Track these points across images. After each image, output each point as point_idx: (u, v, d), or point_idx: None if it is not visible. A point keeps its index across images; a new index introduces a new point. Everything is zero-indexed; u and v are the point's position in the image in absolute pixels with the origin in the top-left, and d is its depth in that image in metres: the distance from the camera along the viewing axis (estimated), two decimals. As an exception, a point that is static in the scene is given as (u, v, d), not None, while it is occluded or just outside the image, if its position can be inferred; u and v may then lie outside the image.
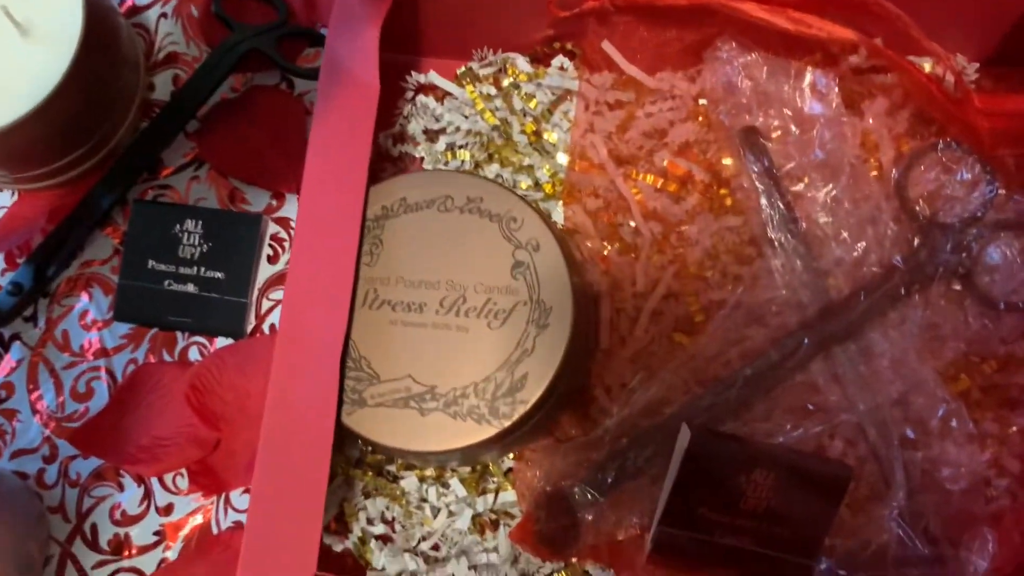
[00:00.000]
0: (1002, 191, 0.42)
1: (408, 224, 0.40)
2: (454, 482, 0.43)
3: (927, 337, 0.43)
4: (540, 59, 0.49)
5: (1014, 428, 0.42)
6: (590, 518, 0.42)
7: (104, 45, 0.48)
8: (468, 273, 0.39)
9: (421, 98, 0.48)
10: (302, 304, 0.39)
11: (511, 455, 0.45)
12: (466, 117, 0.48)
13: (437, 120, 0.48)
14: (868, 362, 0.42)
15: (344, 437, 0.45)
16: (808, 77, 0.43)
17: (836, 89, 0.43)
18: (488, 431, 0.38)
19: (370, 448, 0.44)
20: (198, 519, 0.47)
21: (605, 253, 0.46)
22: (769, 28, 0.43)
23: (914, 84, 0.44)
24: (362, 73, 0.40)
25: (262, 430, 0.38)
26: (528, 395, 0.38)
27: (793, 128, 0.44)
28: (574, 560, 0.43)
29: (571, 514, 0.42)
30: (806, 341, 0.42)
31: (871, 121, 0.45)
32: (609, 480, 0.41)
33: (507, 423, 0.38)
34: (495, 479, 0.44)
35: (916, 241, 0.43)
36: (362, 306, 0.40)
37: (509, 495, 0.44)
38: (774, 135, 0.45)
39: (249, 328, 0.50)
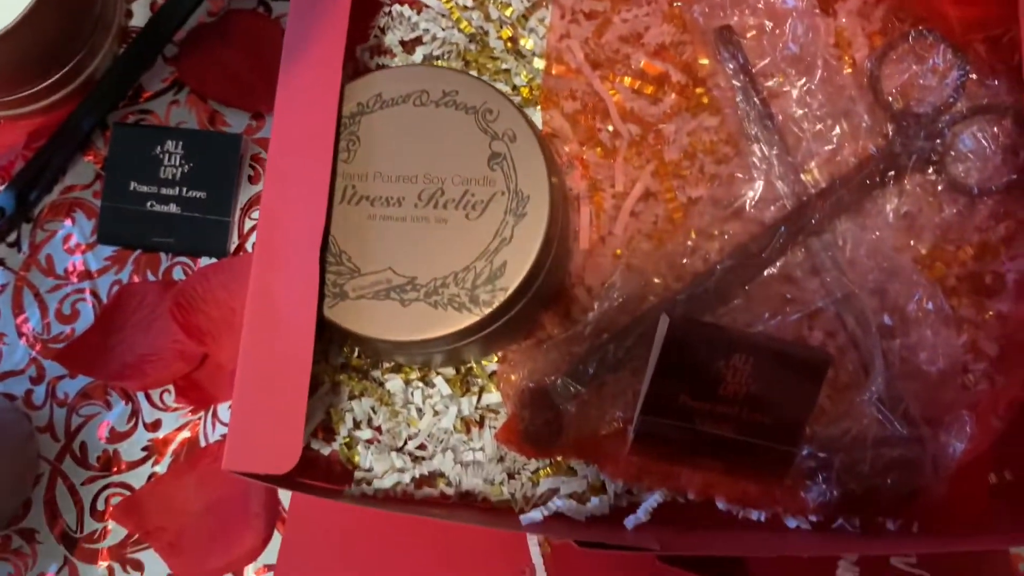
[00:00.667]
0: (973, 76, 0.42)
1: (384, 120, 0.40)
2: (439, 381, 0.44)
3: (903, 226, 0.43)
4: (516, -30, 0.49)
5: (990, 313, 0.43)
6: (572, 410, 0.42)
7: (79, -33, 0.48)
8: (445, 166, 0.40)
9: (397, 7, 0.48)
10: (280, 203, 0.40)
11: (495, 358, 0.45)
12: (443, 29, 0.48)
13: (413, 29, 0.48)
14: (845, 252, 0.43)
15: (330, 343, 0.45)
16: (780, -30, 0.44)
17: (807, -19, 0.44)
18: (469, 318, 0.38)
19: (356, 351, 0.44)
20: (186, 434, 0.48)
21: (584, 156, 0.46)
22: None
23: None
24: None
25: (244, 323, 0.38)
26: (508, 282, 0.38)
27: (767, 23, 0.44)
28: (559, 458, 0.44)
29: (554, 408, 0.42)
30: (783, 230, 0.42)
31: (844, 20, 0.45)
32: (591, 371, 0.42)
33: (488, 310, 0.38)
34: (479, 380, 0.45)
35: (890, 131, 0.43)
36: (341, 202, 0.40)
37: (494, 396, 0.45)
38: (749, 34, 0.45)
39: (232, 247, 0.50)
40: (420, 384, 0.44)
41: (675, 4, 0.47)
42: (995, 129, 0.42)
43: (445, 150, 0.40)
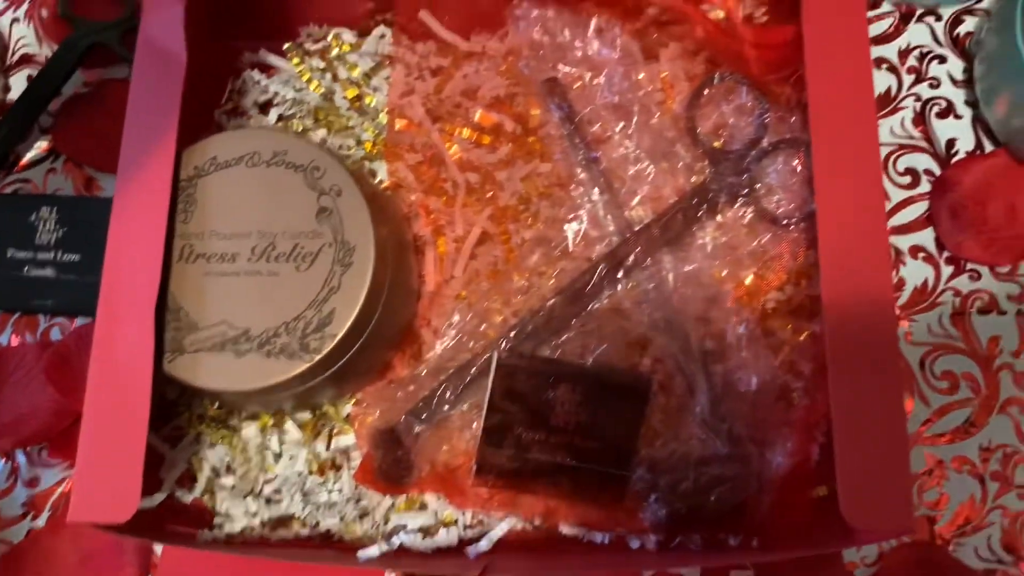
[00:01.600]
0: (774, 114, 0.46)
1: (219, 181, 0.43)
2: (290, 426, 0.46)
3: (721, 256, 0.46)
4: (366, 32, 0.52)
5: (806, 334, 0.45)
6: (418, 447, 0.44)
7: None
8: (276, 221, 0.42)
9: (247, 73, 0.51)
10: (120, 264, 0.42)
11: (351, 401, 0.47)
12: (297, 90, 0.51)
13: (264, 92, 0.50)
14: (668, 283, 0.45)
15: (193, 396, 0.47)
16: (593, 24, 0.47)
17: (619, 33, 0.47)
18: (300, 365, 0.41)
19: (214, 401, 0.46)
20: (63, 488, 0.50)
21: (429, 204, 0.48)
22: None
23: (702, 26, 0.48)
24: (170, 45, 0.43)
25: (88, 379, 0.40)
26: (336, 329, 0.41)
27: (587, 75, 0.47)
28: (414, 493, 0.46)
29: (403, 446, 0.45)
30: (606, 269, 0.45)
31: (666, 65, 0.49)
32: (433, 407, 0.44)
33: (317, 357, 0.41)
34: (335, 424, 0.47)
35: (706, 169, 0.46)
36: (178, 261, 0.42)
37: (348, 438, 0.47)
38: (575, 85, 0.48)
39: (107, 306, 0.52)
40: (275, 430, 0.46)
41: (509, 58, 0.50)
42: (795, 162, 0.45)
43: (276, 207, 0.42)
